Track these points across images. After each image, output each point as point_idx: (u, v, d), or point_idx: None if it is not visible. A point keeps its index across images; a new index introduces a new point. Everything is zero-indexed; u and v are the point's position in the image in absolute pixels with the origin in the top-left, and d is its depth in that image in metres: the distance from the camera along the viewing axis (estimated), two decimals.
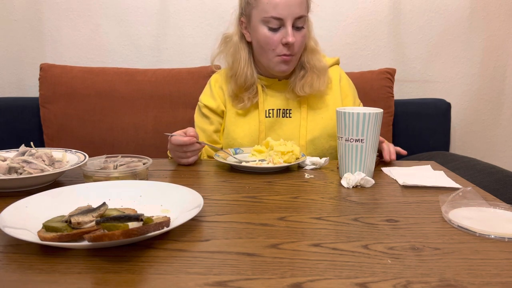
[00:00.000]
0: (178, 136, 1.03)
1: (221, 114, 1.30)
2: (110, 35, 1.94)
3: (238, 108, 1.26)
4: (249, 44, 1.25)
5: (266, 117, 1.25)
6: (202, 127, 1.31)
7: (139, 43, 1.95)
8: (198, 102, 1.34)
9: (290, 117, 1.26)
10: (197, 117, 1.34)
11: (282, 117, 1.26)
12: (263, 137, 1.23)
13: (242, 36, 1.25)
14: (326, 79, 1.25)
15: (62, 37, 1.95)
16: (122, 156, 0.98)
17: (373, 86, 1.75)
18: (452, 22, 1.94)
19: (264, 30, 1.16)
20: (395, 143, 1.81)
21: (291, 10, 1.13)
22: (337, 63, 1.36)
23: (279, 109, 1.26)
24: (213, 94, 1.31)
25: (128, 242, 0.57)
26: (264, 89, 1.27)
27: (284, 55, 1.17)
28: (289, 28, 1.14)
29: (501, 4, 1.93)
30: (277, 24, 1.15)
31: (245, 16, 1.22)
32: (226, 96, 1.29)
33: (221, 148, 1.25)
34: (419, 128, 1.83)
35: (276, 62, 1.19)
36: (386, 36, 1.95)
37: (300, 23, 1.16)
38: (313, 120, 1.24)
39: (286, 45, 1.15)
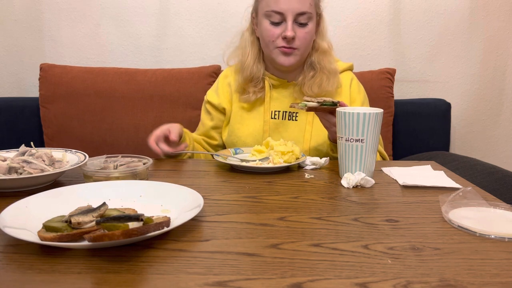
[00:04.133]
0: (152, 144, 1.06)
1: (223, 111, 1.31)
2: (110, 35, 1.94)
3: (242, 101, 1.27)
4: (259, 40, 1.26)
5: (272, 118, 1.26)
6: (203, 121, 1.34)
7: (139, 43, 1.95)
8: (205, 97, 1.36)
9: (296, 120, 1.25)
10: (202, 113, 1.37)
11: (288, 119, 1.26)
12: (264, 139, 1.23)
13: (253, 32, 1.27)
14: (336, 82, 1.25)
15: (62, 37, 1.95)
16: (122, 156, 0.98)
17: (373, 86, 1.75)
18: (452, 22, 1.94)
19: (266, 24, 1.18)
20: (395, 143, 1.82)
21: (292, 5, 1.14)
22: (350, 68, 1.35)
23: (285, 112, 1.26)
24: (218, 91, 1.32)
25: (128, 242, 0.57)
26: (272, 89, 1.27)
27: (284, 47, 1.17)
28: (289, 22, 1.15)
29: (501, 4, 1.93)
30: (278, 19, 1.16)
31: (255, 11, 1.25)
32: (233, 92, 1.30)
33: (212, 153, 1.22)
34: (419, 128, 1.83)
35: (277, 54, 1.19)
36: (386, 36, 1.95)
37: (303, 19, 1.16)
38: (319, 125, 1.24)
39: (285, 38, 1.16)
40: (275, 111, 1.26)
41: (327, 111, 1.07)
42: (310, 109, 1.06)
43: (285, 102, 1.27)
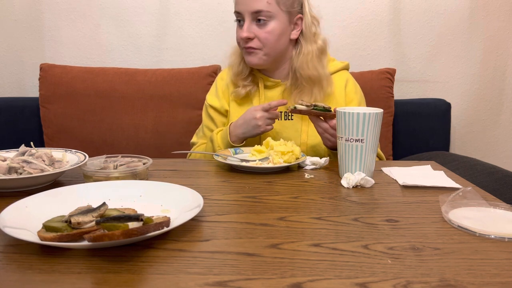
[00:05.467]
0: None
1: (225, 114, 1.31)
2: (110, 35, 1.94)
3: (234, 95, 1.28)
4: None
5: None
6: (209, 126, 1.32)
7: (139, 43, 1.95)
8: (205, 102, 1.35)
9: (292, 119, 1.25)
10: (204, 117, 1.35)
11: (284, 119, 1.25)
12: (264, 138, 1.23)
13: None
14: (325, 87, 1.22)
15: (62, 37, 1.95)
16: (122, 156, 0.98)
17: (373, 86, 1.75)
18: (452, 22, 1.94)
19: (236, 25, 1.22)
20: (395, 143, 1.82)
21: (247, 5, 1.15)
22: (346, 68, 1.33)
23: (281, 112, 1.25)
24: (218, 93, 1.31)
25: (128, 242, 0.57)
26: (265, 89, 1.27)
27: (245, 47, 1.19)
28: (245, 23, 1.17)
29: (501, 4, 1.93)
30: (240, 19, 1.19)
31: None
32: (230, 92, 1.30)
33: (212, 153, 1.24)
34: (419, 128, 1.83)
35: (244, 54, 1.22)
36: (386, 36, 1.95)
37: (261, 18, 1.16)
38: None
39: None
40: None
41: (315, 115, 1.07)
42: (293, 111, 1.06)
43: None
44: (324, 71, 1.23)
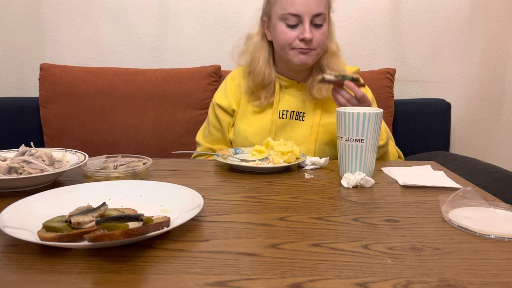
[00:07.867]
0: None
1: (231, 113, 1.30)
2: (110, 35, 1.94)
3: (255, 106, 1.26)
4: (270, 44, 1.25)
5: (280, 118, 1.25)
6: (215, 125, 1.32)
7: (139, 43, 1.95)
8: (212, 100, 1.34)
9: (303, 120, 1.25)
10: (210, 115, 1.34)
11: (295, 119, 1.25)
12: (273, 137, 1.23)
13: (264, 36, 1.26)
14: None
15: (62, 37, 1.95)
16: (122, 156, 0.98)
17: (373, 86, 1.74)
18: (452, 22, 1.94)
19: (282, 27, 1.17)
20: (395, 143, 1.82)
21: (309, 7, 1.14)
22: (357, 72, 1.34)
23: (293, 111, 1.25)
24: (227, 92, 1.31)
25: (128, 242, 0.57)
26: (282, 89, 1.27)
27: (302, 48, 1.17)
28: (306, 24, 1.15)
29: (501, 4, 1.93)
30: (295, 21, 1.16)
31: (266, 15, 1.24)
32: (242, 93, 1.29)
33: (212, 153, 1.23)
34: (419, 128, 1.83)
35: (293, 55, 1.18)
36: (386, 36, 1.95)
37: (319, 20, 1.16)
38: (325, 127, 1.24)
39: (303, 40, 1.16)
40: (283, 110, 1.26)
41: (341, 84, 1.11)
42: (322, 81, 1.10)
43: (294, 102, 1.26)
44: (344, 68, 1.27)
